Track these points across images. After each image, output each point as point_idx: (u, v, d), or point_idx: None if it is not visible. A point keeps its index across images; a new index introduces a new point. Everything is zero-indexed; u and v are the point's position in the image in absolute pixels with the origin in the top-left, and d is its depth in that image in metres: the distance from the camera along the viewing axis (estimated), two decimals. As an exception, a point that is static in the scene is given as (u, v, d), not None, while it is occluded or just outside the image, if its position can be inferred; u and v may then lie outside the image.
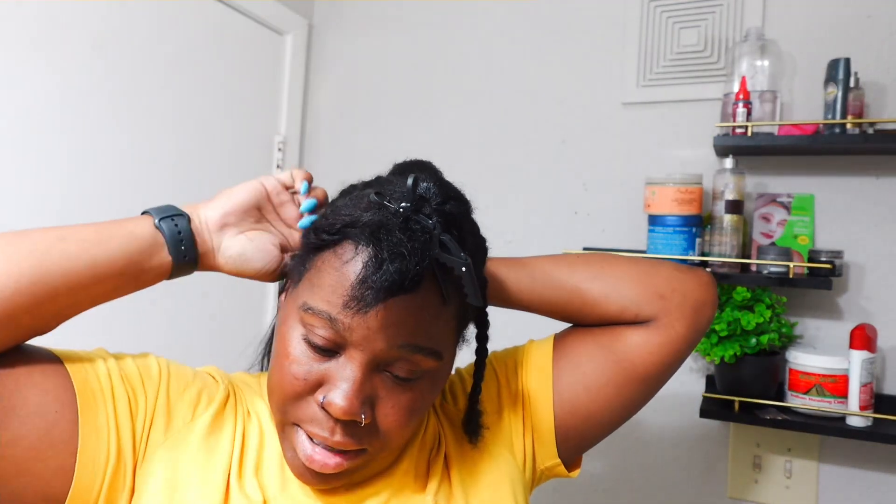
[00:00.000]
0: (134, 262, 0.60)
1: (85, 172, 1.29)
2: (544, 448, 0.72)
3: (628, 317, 0.72)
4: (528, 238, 1.65)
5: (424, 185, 0.58)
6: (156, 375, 0.62)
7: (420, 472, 0.67)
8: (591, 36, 1.62)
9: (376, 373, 0.57)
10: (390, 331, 0.55)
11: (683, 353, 0.73)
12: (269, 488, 0.61)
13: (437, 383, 0.62)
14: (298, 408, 0.58)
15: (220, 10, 1.61)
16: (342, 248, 0.57)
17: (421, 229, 0.55)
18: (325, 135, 1.91)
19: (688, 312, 0.72)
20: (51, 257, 0.56)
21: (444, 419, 0.73)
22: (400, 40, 1.84)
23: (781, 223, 1.41)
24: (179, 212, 0.63)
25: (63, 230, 0.58)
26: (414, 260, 0.52)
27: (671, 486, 1.49)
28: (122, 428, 0.58)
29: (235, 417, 0.64)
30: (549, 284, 0.73)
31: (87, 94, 1.29)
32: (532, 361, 0.74)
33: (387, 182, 0.62)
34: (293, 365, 0.57)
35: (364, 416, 0.56)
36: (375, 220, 0.55)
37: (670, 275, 0.73)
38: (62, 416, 0.55)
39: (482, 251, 0.67)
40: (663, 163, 1.53)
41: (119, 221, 0.61)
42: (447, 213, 0.58)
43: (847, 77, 1.26)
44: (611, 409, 0.72)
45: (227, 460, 0.61)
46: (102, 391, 0.58)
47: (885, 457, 1.33)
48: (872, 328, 1.25)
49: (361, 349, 0.55)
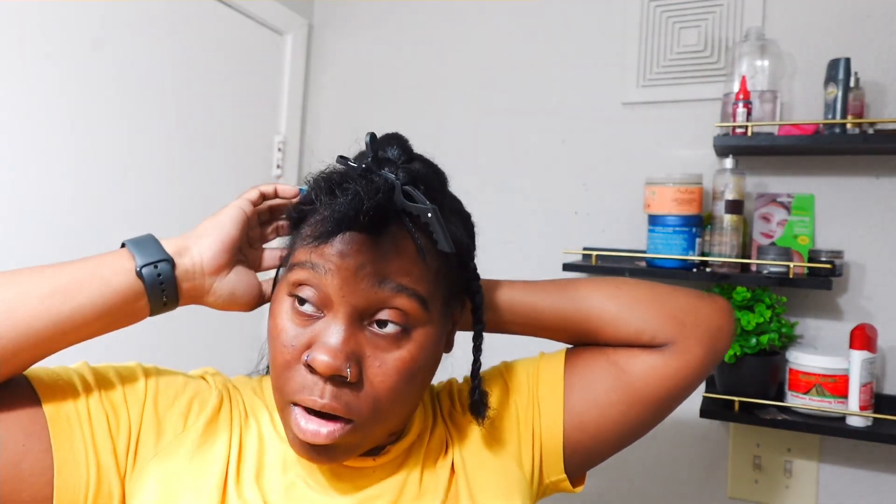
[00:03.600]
0: (107, 311, 0.58)
1: (85, 172, 1.29)
2: (551, 462, 0.72)
3: (644, 340, 0.71)
4: (528, 238, 1.65)
5: (391, 151, 0.60)
6: (141, 389, 0.61)
7: (427, 476, 0.66)
8: (591, 36, 1.62)
9: (360, 329, 0.57)
10: (367, 271, 0.56)
11: (697, 380, 0.72)
12: (271, 493, 0.61)
13: (426, 348, 0.60)
14: (291, 379, 0.57)
15: (220, 10, 1.61)
16: (314, 210, 0.59)
17: (384, 183, 0.56)
18: (325, 135, 1.91)
19: (704, 339, 0.71)
20: (14, 318, 0.54)
21: (453, 427, 0.72)
22: (400, 40, 1.84)
23: (781, 223, 1.41)
24: (164, 256, 0.60)
25: (27, 283, 0.55)
26: (370, 197, 0.53)
27: (671, 485, 1.49)
28: (100, 450, 0.57)
29: (231, 423, 0.63)
30: (567, 306, 0.72)
31: (87, 94, 1.29)
32: (543, 375, 0.74)
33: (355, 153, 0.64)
34: (282, 335, 0.58)
35: (349, 370, 0.55)
36: (336, 175, 0.57)
37: (688, 300, 0.72)
38: (30, 448, 0.54)
39: (465, 221, 0.68)
40: (663, 163, 1.53)
41: (94, 265, 0.58)
42: (411, 170, 0.59)
43: (847, 77, 1.26)
44: (619, 429, 0.72)
45: (222, 467, 0.60)
46: (78, 414, 0.57)
47: (885, 457, 1.33)
48: (872, 328, 1.25)
49: (342, 299, 0.56)
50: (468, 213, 0.69)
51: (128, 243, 0.60)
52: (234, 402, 0.66)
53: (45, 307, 0.55)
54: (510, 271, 1.65)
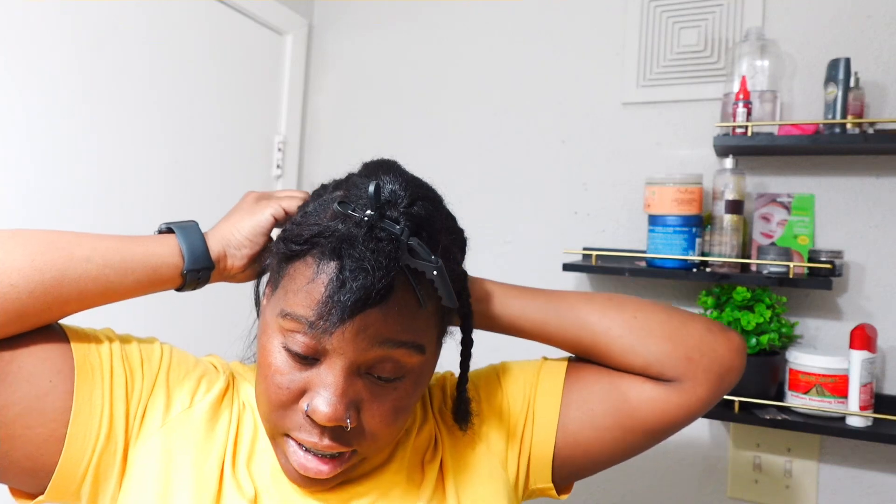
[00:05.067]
0: (144, 289, 0.64)
1: (84, 172, 1.29)
2: (538, 471, 0.72)
3: (651, 373, 0.70)
4: (528, 238, 1.65)
5: (390, 189, 0.57)
6: (157, 360, 0.64)
7: (413, 473, 0.67)
8: (591, 36, 1.62)
9: (358, 376, 0.57)
10: (368, 333, 0.55)
11: (698, 415, 0.72)
12: (261, 480, 0.62)
13: (422, 380, 0.62)
14: (286, 417, 0.58)
15: (220, 10, 1.61)
16: (311, 259, 0.57)
17: (387, 237, 0.53)
18: (325, 135, 1.91)
19: (712, 378, 0.70)
20: (71, 275, 0.58)
21: (443, 425, 0.72)
22: (400, 40, 1.84)
23: (781, 223, 1.41)
24: (209, 264, 0.66)
25: (90, 250, 0.60)
26: (379, 274, 0.52)
27: (671, 486, 1.49)
28: (116, 407, 0.59)
29: (231, 408, 0.65)
30: (576, 324, 0.71)
31: (87, 94, 1.29)
32: (542, 385, 0.73)
33: (353, 186, 0.60)
34: (276, 375, 0.57)
35: (350, 421, 0.56)
36: (339, 233, 0.54)
37: (703, 336, 0.71)
38: (56, 387, 0.56)
39: (459, 242, 0.67)
40: (663, 163, 1.53)
41: (143, 246, 0.63)
42: (415, 216, 0.56)
43: (847, 77, 1.26)
44: (612, 451, 0.72)
45: (221, 450, 0.62)
46: (102, 368, 0.59)
47: (885, 457, 1.33)
48: (872, 328, 1.25)
49: (341, 354, 0.55)
50: (461, 228, 0.68)
51: (180, 239, 0.65)
52: (236, 388, 0.68)
53: (104, 275, 0.60)
54: (510, 271, 1.66)
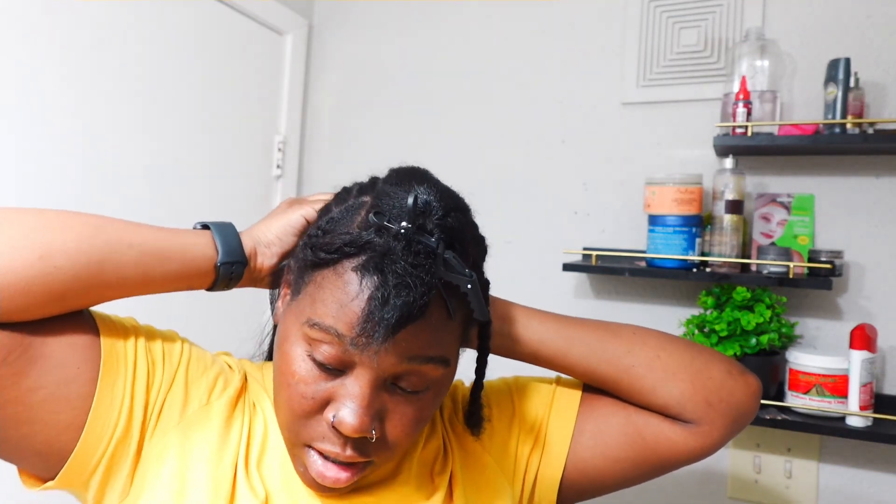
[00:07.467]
0: (177, 282, 0.64)
1: (84, 172, 1.29)
2: (544, 492, 0.72)
3: (670, 413, 0.71)
4: (528, 238, 1.65)
5: (423, 199, 0.57)
6: (177, 355, 0.63)
7: (423, 483, 0.67)
8: (591, 36, 1.62)
9: (384, 388, 0.57)
10: (399, 349, 0.54)
11: (710, 455, 0.73)
12: (271, 482, 0.62)
13: (443, 390, 0.62)
14: (308, 426, 0.58)
15: (220, 10, 1.61)
16: (342, 269, 0.56)
17: (424, 250, 0.54)
18: (325, 135, 1.91)
19: (728, 423, 0.71)
20: (113, 260, 0.58)
21: (453, 434, 0.72)
22: (400, 40, 1.84)
23: (781, 223, 1.41)
24: (242, 258, 0.65)
25: (133, 236, 0.60)
26: (421, 290, 0.52)
27: (671, 485, 1.49)
28: (136, 399, 0.59)
29: (244, 408, 0.65)
30: (603, 358, 0.71)
31: (86, 94, 1.29)
32: (556, 408, 0.73)
33: (384, 195, 0.59)
34: (300, 384, 0.57)
35: (374, 432, 0.56)
36: (378, 248, 0.54)
37: (723, 381, 0.71)
38: (82, 373, 0.56)
39: (483, 251, 0.67)
40: (663, 163, 1.53)
41: (181, 237, 0.63)
42: (448, 228, 0.57)
43: (847, 77, 1.26)
44: (620, 480, 0.73)
45: (235, 450, 0.61)
46: (126, 359, 0.59)
47: (885, 457, 1.33)
48: (872, 328, 1.25)
49: (369, 367, 0.55)
50: (482, 236, 0.68)
51: (215, 234, 0.65)
52: (248, 388, 0.68)
53: (144, 262, 0.60)
54: (510, 271, 1.66)
